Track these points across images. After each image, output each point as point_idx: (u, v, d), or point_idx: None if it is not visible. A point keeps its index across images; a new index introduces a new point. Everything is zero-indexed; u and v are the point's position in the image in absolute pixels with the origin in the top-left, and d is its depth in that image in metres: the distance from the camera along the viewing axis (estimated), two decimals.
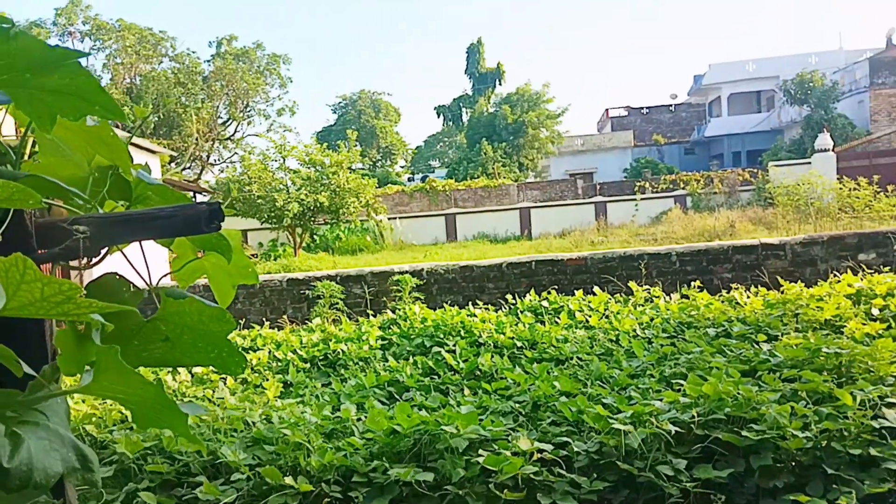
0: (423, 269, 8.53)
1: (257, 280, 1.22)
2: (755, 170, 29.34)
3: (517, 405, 3.78)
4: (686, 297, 6.63)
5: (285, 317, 8.15)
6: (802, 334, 4.64)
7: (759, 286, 6.91)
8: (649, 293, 6.96)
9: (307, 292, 8.36)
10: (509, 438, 3.10)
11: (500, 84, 48.08)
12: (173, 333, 1.03)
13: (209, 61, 35.87)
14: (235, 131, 38.19)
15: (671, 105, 52.20)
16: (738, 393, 3.18)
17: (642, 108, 51.88)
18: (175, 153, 30.06)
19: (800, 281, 6.82)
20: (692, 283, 7.15)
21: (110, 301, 1.05)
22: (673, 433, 2.99)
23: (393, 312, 7.00)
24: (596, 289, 7.19)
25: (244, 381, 5.00)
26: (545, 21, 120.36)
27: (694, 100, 50.16)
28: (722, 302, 6.15)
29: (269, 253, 23.01)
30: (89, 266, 1.03)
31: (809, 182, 17.66)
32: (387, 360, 5.28)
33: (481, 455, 2.89)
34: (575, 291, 7.17)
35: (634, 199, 27.39)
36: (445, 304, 7.26)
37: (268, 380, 4.81)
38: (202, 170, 36.24)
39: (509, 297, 7.47)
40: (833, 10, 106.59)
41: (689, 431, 3.06)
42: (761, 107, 44.00)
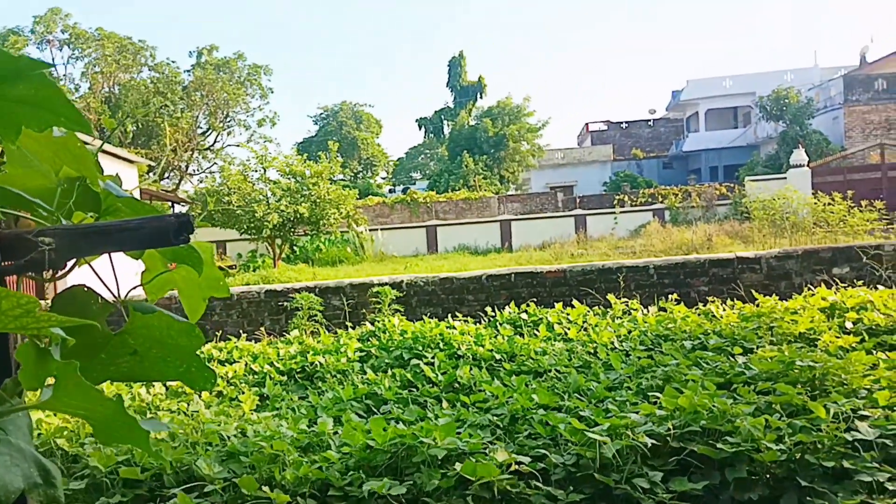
0: (403, 281, 8.51)
1: (229, 293, 1.21)
2: (732, 184, 29.77)
3: (495, 418, 3.78)
4: (663, 310, 6.68)
5: (263, 329, 8.08)
6: (777, 347, 4.69)
7: (735, 299, 6.98)
8: (627, 306, 7.00)
9: (286, 304, 8.30)
10: (487, 451, 3.09)
11: (482, 97, 48.43)
12: (141, 347, 1.02)
13: (189, 71, 35.74)
14: (215, 141, 38.04)
15: (650, 120, 52.85)
16: (714, 405, 3.20)
17: (622, 123, 52.46)
18: (153, 163, 29.81)
19: (775, 294, 6.91)
20: (669, 296, 7.21)
21: (78, 314, 1.04)
22: (649, 446, 3.01)
23: (372, 324, 6.97)
24: (575, 301, 7.22)
25: (220, 394, 4.94)
26: (527, 36, 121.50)
27: (672, 115, 50.85)
28: (698, 315, 6.21)
29: (249, 264, 22.86)
30: (55, 278, 1.01)
31: (785, 197, 17.89)
32: (365, 373, 5.25)
33: (458, 467, 2.88)
34: (554, 304, 7.19)
35: (614, 213, 27.64)
36: (425, 317, 7.24)
37: (244, 392, 4.76)
38: (181, 180, 35.99)
39: (489, 310, 7.47)
40: (809, 29, 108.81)
41: (666, 444, 3.08)
42: (738, 122, 44.70)
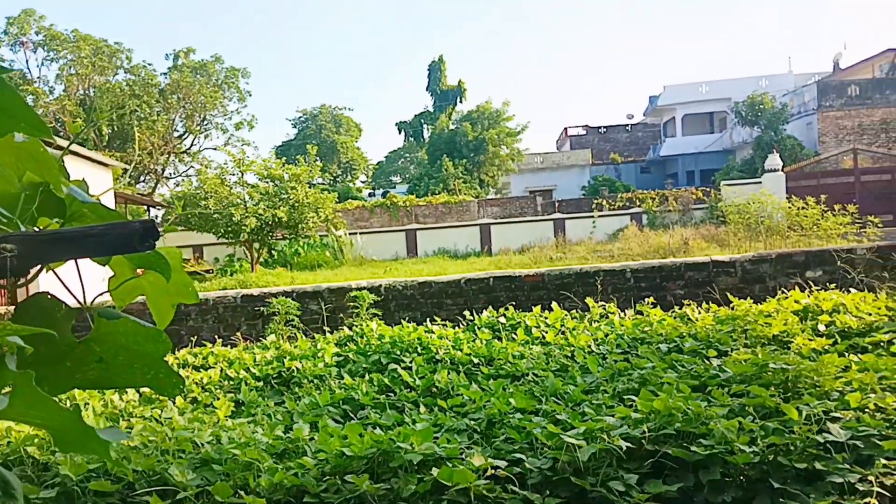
0: (381, 286, 8.49)
1: (197, 299, 1.19)
2: (708, 189, 30.09)
3: (472, 422, 3.78)
4: (640, 314, 6.73)
5: (239, 334, 8.01)
6: (751, 350, 4.74)
7: (711, 302, 7.05)
8: (605, 309, 7.04)
9: (262, 309, 8.23)
10: (464, 456, 3.09)
11: (461, 101, 48.58)
12: (107, 354, 1.00)
13: (166, 74, 35.38)
14: (192, 145, 37.66)
15: (628, 125, 53.32)
16: (688, 408, 3.23)
17: (600, 128, 52.86)
18: (128, 166, 29.45)
19: (749, 297, 6.99)
20: (646, 300, 7.27)
21: (42, 322, 1.02)
22: (624, 449, 3.02)
23: (350, 329, 6.94)
24: (553, 305, 7.25)
25: (194, 401, 4.89)
26: (507, 42, 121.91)
27: (650, 120, 51.34)
28: (674, 318, 6.27)
29: (226, 268, 22.65)
30: (17, 285, 1.00)
31: (760, 201, 18.12)
32: (342, 378, 5.22)
33: (435, 472, 2.88)
34: (532, 307, 7.21)
35: (592, 217, 27.84)
36: (403, 321, 7.23)
37: (219, 399, 4.71)
38: (157, 183, 35.60)
39: (467, 314, 7.48)
40: (784, 36, 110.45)
41: (641, 447, 3.09)
42: (714, 128, 45.25)
